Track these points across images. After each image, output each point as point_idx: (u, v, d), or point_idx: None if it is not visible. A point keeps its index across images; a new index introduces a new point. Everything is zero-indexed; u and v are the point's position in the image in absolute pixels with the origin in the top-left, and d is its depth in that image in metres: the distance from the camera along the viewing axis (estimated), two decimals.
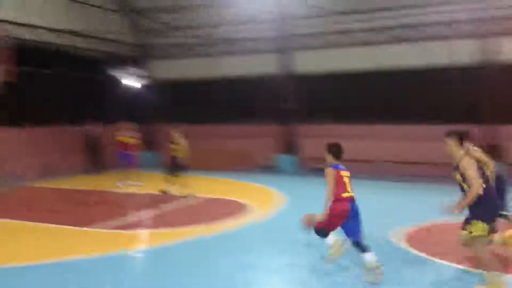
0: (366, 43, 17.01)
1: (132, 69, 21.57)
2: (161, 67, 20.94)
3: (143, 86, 21.02)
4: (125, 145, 14.11)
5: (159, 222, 9.80)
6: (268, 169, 17.90)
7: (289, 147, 18.52)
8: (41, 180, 15.10)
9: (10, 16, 15.37)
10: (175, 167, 12.31)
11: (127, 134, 14.31)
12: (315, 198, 6.87)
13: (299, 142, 18.43)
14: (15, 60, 14.61)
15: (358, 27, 16.84)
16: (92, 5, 18.44)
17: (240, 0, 17.15)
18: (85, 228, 9.01)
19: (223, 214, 10.22)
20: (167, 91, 21.01)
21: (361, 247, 5.95)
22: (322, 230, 6.17)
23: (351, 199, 6.07)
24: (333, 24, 17.13)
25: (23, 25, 15.79)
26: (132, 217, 10.17)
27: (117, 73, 21.80)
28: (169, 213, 10.54)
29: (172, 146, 12.59)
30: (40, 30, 16.39)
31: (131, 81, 21.72)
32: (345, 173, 6.23)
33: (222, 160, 18.19)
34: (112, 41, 19.43)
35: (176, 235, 8.50)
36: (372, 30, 16.74)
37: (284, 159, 18.20)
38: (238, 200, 11.67)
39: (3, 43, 14.50)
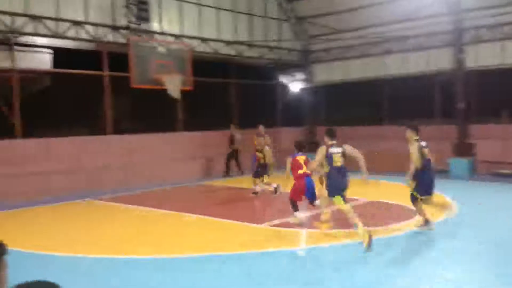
0: None
1: (296, 74, 22.35)
2: (324, 70, 21.18)
3: (307, 89, 21.55)
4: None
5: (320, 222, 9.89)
6: (440, 173, 16.77)
7: (463, 150, 17.13)
8: (205, 180, 16.49)
9: (189, 32, 17.12)
10: (260, 169, 12.81)
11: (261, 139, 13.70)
12: (489, 207, 6.25)
13: (473, 144, 16.99)
14: (192, 70, 16.20)
15: None
16: (258, 16, 19.50)
17: None
18: (254, 225, 9.56)
19: (385, 217, 9.94)
20: (330, 93, 21.25)
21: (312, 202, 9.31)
22: (293, 202, 9.44)
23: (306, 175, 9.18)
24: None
25: (201, 39, 17.44)
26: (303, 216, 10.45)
27: (283, 79, 22.82)
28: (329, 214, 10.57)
29: (258, 153, 12.91)
30: (212, 43, 17.89)
31: (296, 85, 22.53)
32: (300, 158, 9.33)
33: (389, 162, 17.68)
34: (277, 48, 20.32)
35: (334, 236, 8.50)
36: None
37: (457, 163, 16.89)
38: (402, 204, 11.21)
39: (185, 56, 16.17)
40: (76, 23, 14.29)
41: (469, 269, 6.68)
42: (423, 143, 8.84)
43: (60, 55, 14.92)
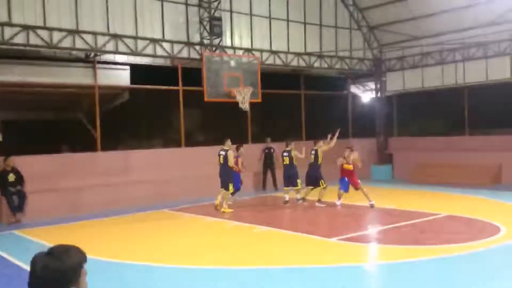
0: None
1: (368, 84, 21.92)
2: (397, 79, 20.58)
3: (379, 99, 21.05)
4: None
5: (395, 237, 9.55)
6: None
7: None
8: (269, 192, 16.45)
9: (259, 45, 17.33)
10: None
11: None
12: None
13: None
14: (262, 83, 16.35)
15: None
16: (328, 26, 19.35)
17: (481, 1, 15.76)
18: (325, 239, 9.41)
19: (461, 233, 9.43)
20: (404, 103, 20.64)
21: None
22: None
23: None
24: None
25: (270, 51, 17.59)
26: (367, 231, 10.17)
27: (355, 89, 22.47)
28: (405, 228, 10.18)
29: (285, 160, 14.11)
30: (282, 55, 17.97)
31: (368, 95, 22.09)
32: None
33: (467, 175, 16.84)
34: (348, 58, 20.04)
35: (411, 252, 8.16)
36: None
37: None
38: (482, 219, 10.58)
39: (254, 69, 16.36)
40: (153, 40, 14.91)
41: None
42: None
43: (137, 71, 15.62)
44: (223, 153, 13.14)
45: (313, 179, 13.53)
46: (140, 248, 9.27)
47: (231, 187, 13.08)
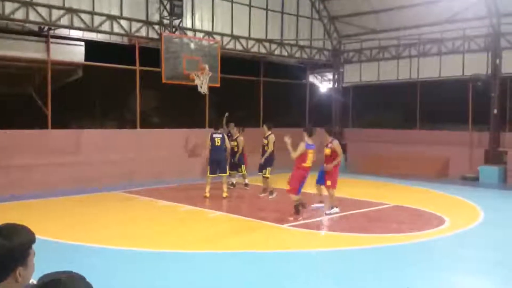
0: None
1: (327, 74, 22.20)
2: (355, 71, 20.94)
3: (336, 90, 21.36)
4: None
5: (344, 225, 9.80)
6: (469, 180, 16.42)
7: (494, 157, 16.70)
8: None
9: (220, 29, 17.17)
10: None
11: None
12: None
13: (505, 152, 16.53)
14: (221, 68, 16.22)
15: None
16: (289, 14, 19.40)
17: None
18: (278, 225, 9.54)
19: (408, 223, 9.80)
20: (360, 94, 21.06)
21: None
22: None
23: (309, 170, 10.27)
24: None
25: (231, 36, 17.47)
26: (318, 218, 10.39)
27: (313, 79, 22.70)
28: (353, 217, 10.46)
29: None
30: (243, 40, 17.89)
31: (326, 86, 22.39)
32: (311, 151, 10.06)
33: (416, 167, 17.44)
34: (308, 47, 20.19)
35: (359, 240, 8.40)
36: None
37: (487, 170, 16.47)
38: (428, 210, 11.01)
39: (215, 53, 16.19)
40: (111, 17, 14.49)
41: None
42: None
43: (93, 48, 15.15)
44: (219, 135, 12.56)
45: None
46: (90, 230, 9.09)
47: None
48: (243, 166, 14.11)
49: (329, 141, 10.73)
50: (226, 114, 14.79)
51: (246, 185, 14.27)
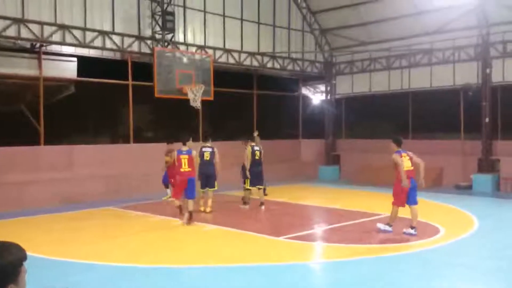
0: None
1: (319, 86, 22.31)
2: (347, 83, 21.07)
3: (329, 101, 21.47)
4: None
5: (339, 236, 9.78)
6: (463, 189, 16.48)
7: (487, 166, 16.78)
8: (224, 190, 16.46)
9: (212, 43, 17.25)
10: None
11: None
12: (510, 224, 6.11)
13: (497, 160, 16.63)
14: (214, 81, 16.28)
15: None
16: (281, 27, 19.54)
17: (432, 9, 16.49)
18: (273, 237, 9.50)
19: (403, 233, 9.79)
20: (352, 106, 21.19)
21: None
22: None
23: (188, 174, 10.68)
24: None
25: (224, 49, 17.54)
26: (313, 230, 10.36)
27: (306, 91, 22.80)
28: (349, 228, 10.44)
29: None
30: (235, 54, 17.97)
31: (318, 97, 22.49)
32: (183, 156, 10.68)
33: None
34: (300, 60, 20.32)
35: (355, 251, 8.38)
36: None
37: (480, 179, 16.53)
38: (423, 220, 11.01)
39: (207, 67, 16.25)
40: (103, 32, 14.52)
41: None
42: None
43: (85, 64, 15.16)
44: (208, 149, 12.26)
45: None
46: (82, 247, 9.00)
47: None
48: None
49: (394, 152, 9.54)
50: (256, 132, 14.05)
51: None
